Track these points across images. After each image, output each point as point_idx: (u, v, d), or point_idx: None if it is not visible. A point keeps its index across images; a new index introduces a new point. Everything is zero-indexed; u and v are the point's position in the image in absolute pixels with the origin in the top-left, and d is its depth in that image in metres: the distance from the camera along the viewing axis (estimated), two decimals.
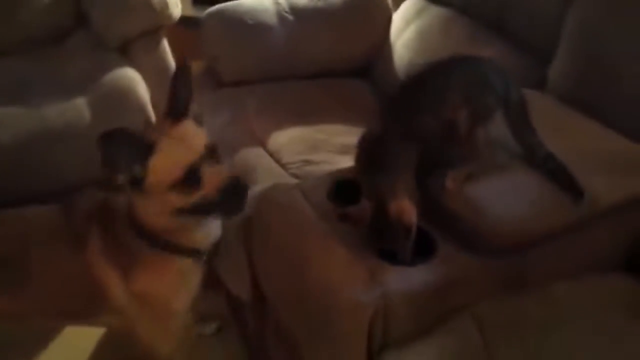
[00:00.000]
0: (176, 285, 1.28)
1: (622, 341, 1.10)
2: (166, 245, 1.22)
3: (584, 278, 1.21)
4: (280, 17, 2.07)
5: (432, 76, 1.21)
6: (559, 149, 1.28)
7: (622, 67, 1.42)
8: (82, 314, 1.37)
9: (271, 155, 1.72)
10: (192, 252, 1.27)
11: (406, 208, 1.09)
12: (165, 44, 2.25)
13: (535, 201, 1.16)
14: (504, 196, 1.12)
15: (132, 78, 2.08)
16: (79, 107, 1.96)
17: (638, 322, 1.15)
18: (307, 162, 1.67)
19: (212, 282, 1.42)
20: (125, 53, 2.21)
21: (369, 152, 1.21)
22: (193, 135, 1.17)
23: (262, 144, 1.76)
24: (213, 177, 1.14)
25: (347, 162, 1.63)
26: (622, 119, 1.37)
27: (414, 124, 1.16)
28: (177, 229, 1.21)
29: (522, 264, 1.17)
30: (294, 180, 1.56)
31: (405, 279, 1.10)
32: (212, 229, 1.29)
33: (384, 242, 1.12)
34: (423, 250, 1.14)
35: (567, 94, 1.51)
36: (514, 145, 1.25)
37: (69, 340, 1.74)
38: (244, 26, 2.03)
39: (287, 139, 1.75)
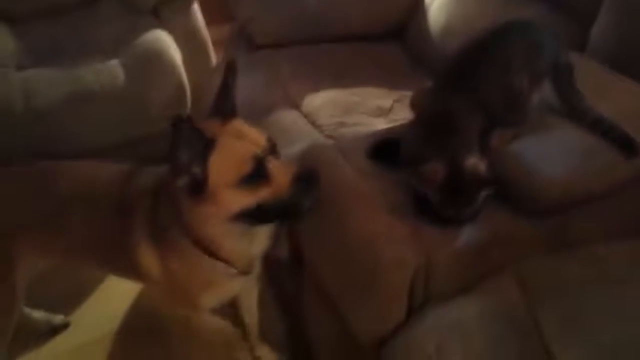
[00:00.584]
0: (207, 284, 1.22)
1: None
2: (209, 252, 1.14)
3: (627, 240, 1.21)
4: None
5: (494, 44, 1.20)
6: (603, 112, 1.27)
7: None
8: (116, 271, 1.41)
9: (306, 117, 1.72)
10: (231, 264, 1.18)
11: (480, 164, 1.09)
12: (196, 6, 2.25)
13: (581, 162, 1.15)
14: (551, 156, 1.11)
15: (164, 40, 2.09)
16: (113, 68, 1.97)
17: None
18: (342, 124, 1.66)
19: None
20: (157, 15, 2.21)
21: (437, 117, 1.18)
22: (251, 130, 1.09)
23: (297, 106, 1.76)
24: (281, 171, 1.05)
25: (381, 124, 1.64)
26: None
27: (481, 92, 1.15)
28: (228, 240, 1.13)
29: (565, 224, 1.17)
30: (330, 142, 1.57)
31: (448, 236, 1.10)
32: (259, 247, 1.22)
33: (459, 200, 1.09)
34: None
35: (609, 56, 1.47)
36: (562, 108, 1.24)
37: (100, 304, 1.79)
38: None
39: (322, 101, 1.75)
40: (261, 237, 1.20)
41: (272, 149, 1.09)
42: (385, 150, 1.32)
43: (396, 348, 1.08)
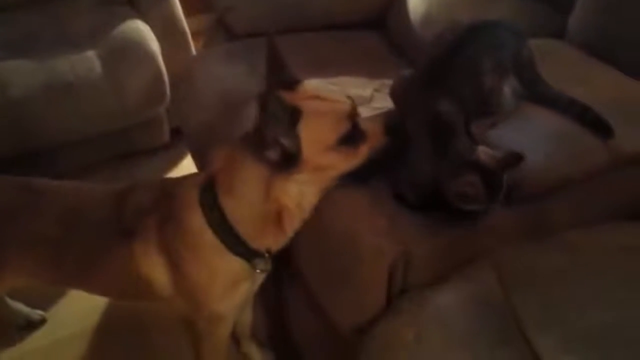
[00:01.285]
0: (227, 285, 1.16)
1: (637, 288, 1.11)
2: (231, 239, 1.08)
3: (603, 226, 1.21)
4: None
5: (462, 51, 1.19)
6: (581, 97, 1.27)
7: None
8: (121, 295, 1.36)
9: None
10: (253, 255, 1.13)
11: (488, 151, 1.07)
12: None
13: (558, 148, 1.15)
14: (528, 143, 1.11)
15: (142, 31, 2.06)
16: (89, 60, 1.95)
17: None
18: None
19: None
20: (134, 6, 2.18)
21: (433, 126, 1.14)
22: (327, 90, 1.06)
23: None
24: (372, 124, 1.03)
25: (362, 113, 1.63)
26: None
27: (458, 92, 1.15)
28: (287, 214, 1.06)
29: (543, 211, 1.17)
30: None
31: (426, 226, 1.10)
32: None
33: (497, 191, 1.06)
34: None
35: (587, 42, 1.48)
36: (531, 97, 1.24)
37: (79, 299, 1.73)
38: None
39: None
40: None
41: (355, 107, 1.05)
42: None
43: (376, 337, 1.07)
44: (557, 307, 1.04)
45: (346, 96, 1.05)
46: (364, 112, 1.62)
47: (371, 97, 1.72)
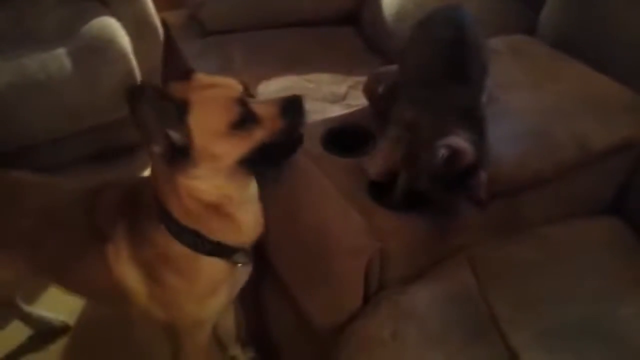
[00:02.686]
0: (208, 289, 1.11)
1: (611, 281, 1.13)
2: (198, 241, 1.04)
3: (575, 220, 1.24)
4: None
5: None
6: (552, 93, 1.29)
7: (612, 12, 1.41)
8: (99, 301, 1.34)
9: None
10: (229, 252, 1.08)
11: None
12: None
13: (530, 144, 1.17)
14: (500, 140, 1.11)
15: (113, 27, 2.02)
16: (60, 57, 1.90)
17: (626, 261, 1.18)
18: None
19: None
20: (104, 2, 2.14)
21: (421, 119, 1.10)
22: (218, 79, 1.01)
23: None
24: (267, 108, 0.98)
25: (336, 110, 1.63)
26: (612, 63, 1.37)
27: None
28: (232, 199, 1.02)
29: (515, 207, 1.19)
30: None
31: (401, 223, 1.11)
32: (257, 216, 1.12)
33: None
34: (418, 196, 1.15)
35: (558, 39, 1.50)
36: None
37: (58, 296, 1.72)
38: None
39: (276, 88, 1.73)
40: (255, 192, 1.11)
41: (248, 91, 1.02)
42: (339, 136, 1.31)
43: (352, 335, 1.08)
44: (531, 302, 1.06)
45: (238, 81, 1.01)
46: (338, 109, 1.64)
47: (346, 94, 1.73)
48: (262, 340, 1.54)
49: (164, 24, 1.07)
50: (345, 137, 1.31)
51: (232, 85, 1.00)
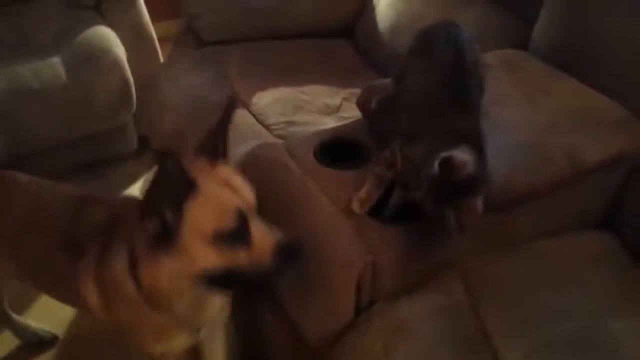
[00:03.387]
0: (155, 334, 1.09)
1: (602, 296, 1.14)
2: (156, 306, 1.01)
3: (567, 236, 1.24)
4: None
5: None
6: (544, 108, 1.30)
7: (605, 27, 1.42)
8: (68, 302, 1.31)
9: (255, 116, 1.70)
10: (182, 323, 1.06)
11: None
12: (141, 2, 2.18)
13: (523, 159, 1.17)
14: (493, 154, 1.11)
15: (108, 36, 2.03)
16: (54, 66, 1.91)
17: (617, 277, 1.19)
18: (291, 123, 1.65)
19: None
20: (99, 11, 2.15)
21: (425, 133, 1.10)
22: (240, 182, 0.95)
23: (245, 105, 1.73)
24: (264, 235, 0.92)
25: (330, 122, 1.64)
26: (604, 78, 1.38)
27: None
28: (181, 300, 0.99)
29: (507, 221, 1.19)
30: (279, 141, 1.55)
31: (393, 235, 1.10)
32: (212, 312, 1.09)
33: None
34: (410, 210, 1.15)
35: (550, 53, 1.51)
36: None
37: (47, 308, 1.70)
38: None
39: (271, 99, 1.73)
40: (216, 302, 1.07)
41: (257, 208, 0.95)
42: (332, 149, 1.31)
43: (344, 349, 1.08)
44: (523, 318, 1.06)
45: (255, 197, 0.95)
46: (332, 121, 1.64)
47: (340, 106, 1.73)
48: (255, 357, 1.53)
49: (231, 101, 1.02)
50: (338, 150, 1.32)
51: (244, 194, 0.94)
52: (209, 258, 0.90)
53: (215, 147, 0.97)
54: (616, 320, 1.08)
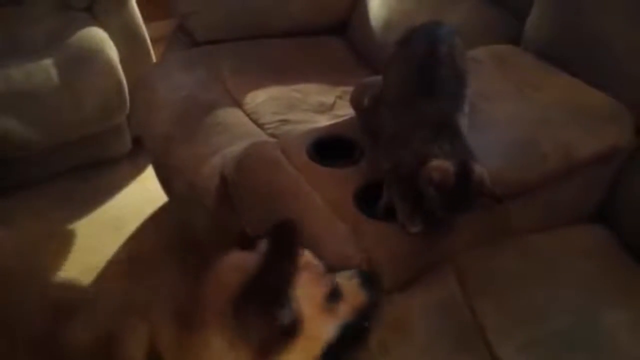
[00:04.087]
0: None
1: (596, 290, 1.14)
2: None
3: (561, 230, 1.25)
4: None
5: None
6: (536, 103, 1.30)
7: (596, 22, 1.42)
8: None
9: (248, 115, 1.70)
10: None
11: (485, 173, 1.03)
12: (133, 2, 2.18)
13: (514, 154, 1.17)
14: (485, 149, 1.12)
15: (100, 38, 2.02)
16: (46, 68, 1.91)
17: (611, 270, 1.19)
18: (285, 122, 1.65)
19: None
20: (91, 13, 2.14)
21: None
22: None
23: (239, 104, 1.73)
24: (348, 283, 0.89)
25: (324, 120, 1.64)
26: (596, 72, 1.38)
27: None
28: None
29: (501, 216, 1.19)
30: (273, 140, 1.55)
31: (386, 233, 1.11)
32: None
33: (459, 204, 1.02)
34: None
35: (542, 48, 1.51)
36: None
37: None
38: None
39: (264, 98, 1.73)
40: None
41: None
42: (326, 147, 1.31)
43: None
44: (517, 312, 1.06)
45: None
46: (326, 119, 1.64)
47: (333, 104, 1.73)
48: None
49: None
50: (332, 148, 1.32)
51: (306, 252, 0.89)
52: (326, 327, 0.83)
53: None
54: (610, 313, 1.09)
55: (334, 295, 0.84)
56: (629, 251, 1.23)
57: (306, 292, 0.80)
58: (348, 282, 0.89)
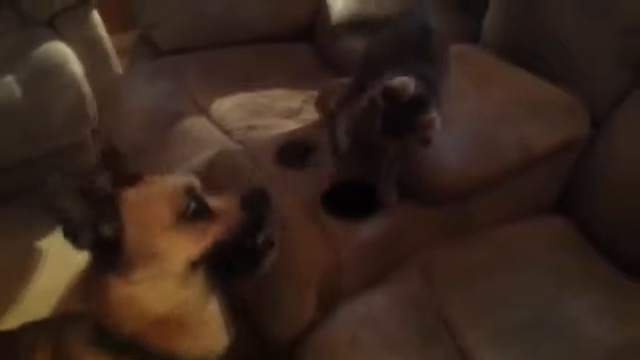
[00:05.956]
0: None
1: (559, 278, 1.17)
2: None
3: (523, 221, 1.28)
4: None
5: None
6: (495, 99, 1.33)
7: (551, 19, 1.46)
8: None
9: (214, 123, 1.70)
10: None
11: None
12: (96, 15, 2.16)
13: (471, 150, 1.20)
14: (444, 147, 1.15)
15: (63, 52, 2.00)
16: (9, 84, 1.87)
17: (573, 259, 1.23)
18: (252, 128, 1.65)
19: None
20: (53, 27, 2.12)
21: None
22: (174, 177, 0.88)
23: (205, 112, 1.73)
24: (224, 201, 0.87)
25: (291, 125, 1.65)
26: (552, 68, 1.42)
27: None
28: (176, 320, 0.83)
29: (464, 210, 1.22)
30: (240, 147, 1.56)
31: (353, 232, 1.13)
32: (220, 328, 0.90)
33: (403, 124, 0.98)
34: (369, 205, 1.17)
35: (500, 46, 1.55)
36: None
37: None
38: None
39: (230, 105, 1.73)
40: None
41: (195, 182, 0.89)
42: (292, 151, 1.33)
43: (311, 346, 1.09)
44: (483, 302, 1.09)
45: (187, 177, 0.88)
46: (294, 124, 1.65)
47: (300, 109, 1.74)
48: None
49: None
50: (299, 152, 1.33)
51: (186, 179, 0.87)
52: (180, 246, 0.81)
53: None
54: (575, 300, 1.12)
55: (195, 215, 0.82)
56: (588, 239, 1.27)
57: (139, 210, 0.80)
58: (224, 203, 0.87)
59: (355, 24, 1.88)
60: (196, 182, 0.88)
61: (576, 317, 1.09)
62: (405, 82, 0.96)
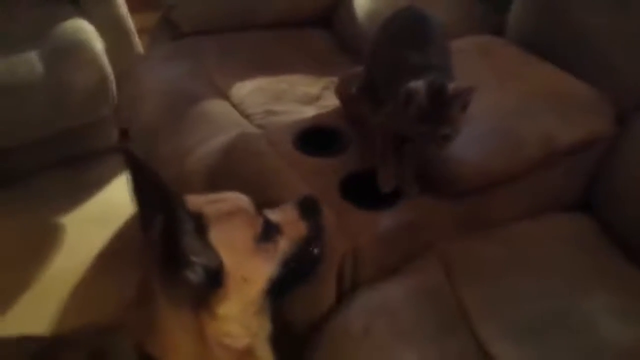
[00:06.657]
0: None
1: (577, 276, 1.17)
2: None
3: (543, 218, 1.27)
4: None
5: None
6: (518, 93, 1.32)
7: (577, 14, 1.44)
8: None
9: (234, 106, 1.70)
10: None
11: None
12: None
13: (493, 144, 1.19)
14: (464, 140, 1.14)
15: (85, 30, 2.01)
16: (31, 61, 1.89)
17: (592, 257, 1.22)
18: (271, 113, 1.65)
19: None
20: (76, 4, 2.12)
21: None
22: (221, 194, 0.86)
23: (225, 95, 1.73)
24: (284, 215, 0.87)
25: (310, 111, 1.65)
26: (577, 63, 1.40)
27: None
28: (252, 353, 0.82)
29: (484, 205, 1.22)
30: (260, 131, 1.56)
31: (372, 221, 1.12)
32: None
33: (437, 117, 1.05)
34: (389, 194, 1.17)
35: (525, 40, 1.53)
36: None
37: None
38: None
39: (250, 89, 1.73)
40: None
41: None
42: (312, 137, 1.33)
43: (326, 332, 1.09)
44: (500, 297, 1.09)
45: (236, 194, 0.87)
46: (312, 110, 1.65)
47: (319, 95, 1.74)
48: None
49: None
50: (318, 138, 1.33)
51: (239, 196, 0.86)
52: (263, 267, 0.81)
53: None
54: (591, 300, 1.11)
55: (267, 233, 0.82)
56: (610, 238, 1.25)
57: (228, 239, 0.77)
58: (285, 215, 0.87)
59: None
60: (250, 203, 0.86)
61: (592, 316, 1.09)
62: (417, 87, 1.03)
